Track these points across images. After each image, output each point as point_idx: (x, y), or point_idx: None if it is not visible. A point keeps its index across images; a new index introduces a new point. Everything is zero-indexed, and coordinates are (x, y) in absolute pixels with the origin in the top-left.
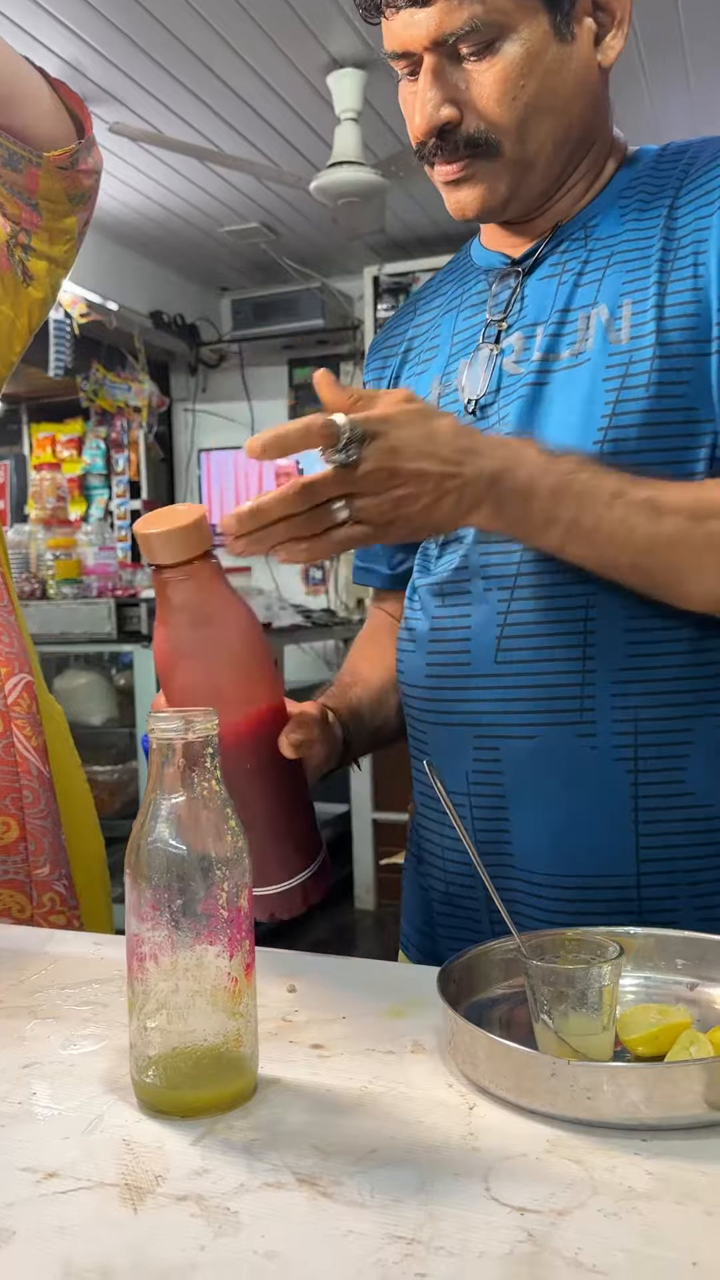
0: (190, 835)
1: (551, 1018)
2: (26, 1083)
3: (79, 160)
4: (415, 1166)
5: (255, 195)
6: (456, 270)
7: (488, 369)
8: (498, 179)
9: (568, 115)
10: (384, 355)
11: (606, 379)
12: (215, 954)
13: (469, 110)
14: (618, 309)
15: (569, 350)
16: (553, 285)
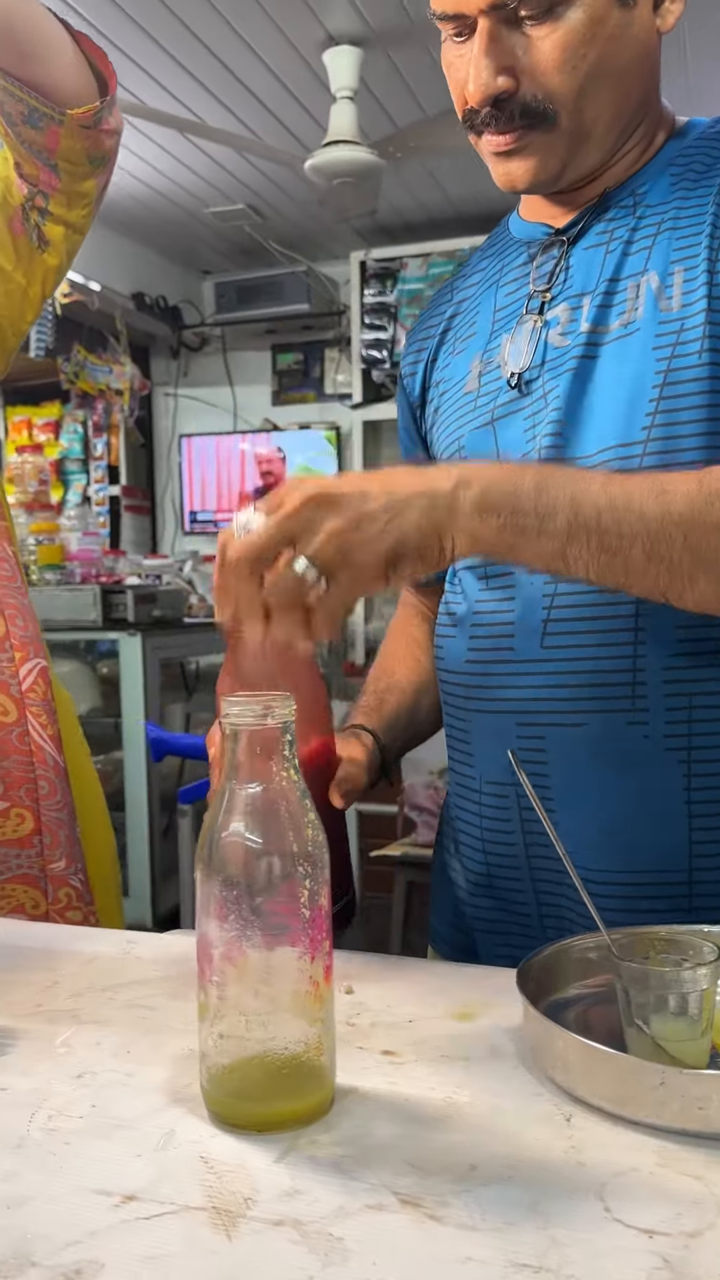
0: (269, 828)
1: (648, 1023)
2: (83, 1095)
3: (102, 119)
4: (523, 1184)
5: (242, 176)
6: (495, 245)
7: (531, 342)
8: (552, 151)
9: (626, 84)
10: (421, 339)
11: (657, 348)
12: (296, 956)
13: (525, 78)
14: (669, 276)
15: (619, 320)
16: (599, 254)
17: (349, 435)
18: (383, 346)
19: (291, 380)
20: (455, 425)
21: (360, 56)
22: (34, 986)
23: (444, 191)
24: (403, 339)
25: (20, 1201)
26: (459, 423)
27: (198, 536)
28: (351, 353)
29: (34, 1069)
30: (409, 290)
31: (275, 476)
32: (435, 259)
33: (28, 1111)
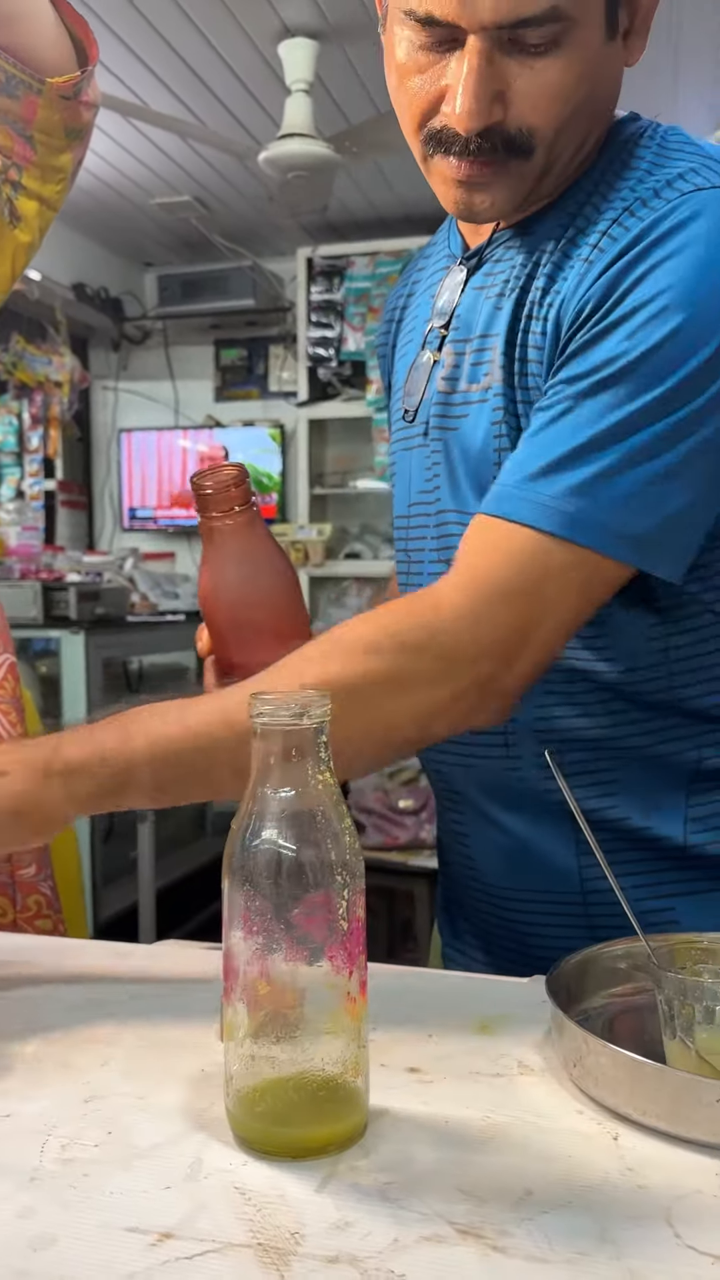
0: (304, 834)
1: (692, 1036)
2: (96, 1121)
3: (81, 90)
4: (585, 1210)
5: (189, 167)
6: (439, 241)
7: (424, 379)
8: (519, 184)
9: (595, 117)
10: (388, 318)
11: (494, 421)
12: (333, 971)
13: (512, 107)
14: (507, 344)
15: (481, 382)
16: (480, 298)
17: (294, 433)
18: (329, 345)
19: (235, 376)
20: (393, 438)
21: (316, 49)
22: (24, 1003)
23: (393, 190)
24: (350, 338)
25: (46, 1242)
26: (394, 438)
27: (137, 533)
28: (297, 350)
29: (37, 1093)
30: (356, 289)
31: None
32: (383, 258)
33: (38, 1140)
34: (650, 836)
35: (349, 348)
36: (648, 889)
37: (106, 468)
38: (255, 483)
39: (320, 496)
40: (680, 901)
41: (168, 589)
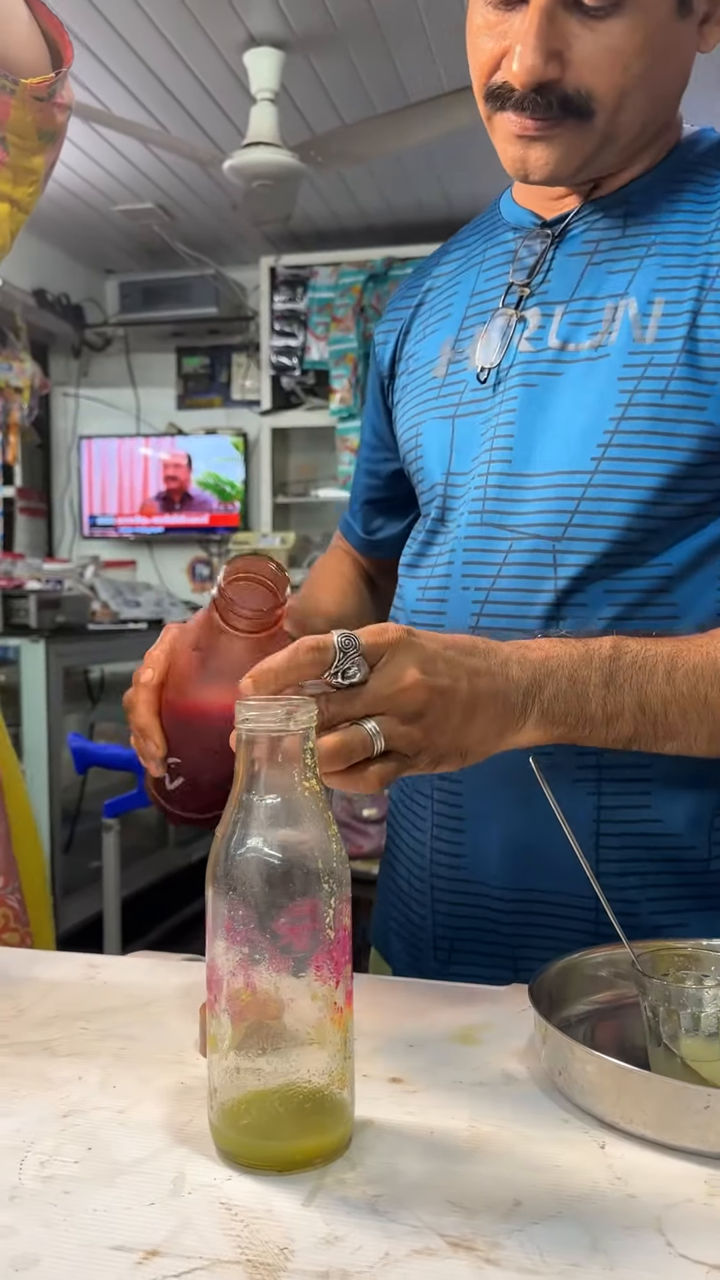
0: (291, 843)
1: (677, 1043)
2: (75, 1136)
3: (55, 92)
4: (576, 1220)
5: (152, 174)
6: (483, 225)
7: (504, 339)
8: (577, 146)
9: (663, 97)
10: (399, 309)
11: (623, 378)
12: (319, 981)
13: (572, 68)
14: (649, 305)
15: (590, 341)
16: (581, 264)
17: (256, 442)
18: (293, 354)
19: (197, 384)
20: (418, 408)
21: (281, 59)
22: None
23: (356, 201)
24: (313, 347)
25: (29, 1262)
26: (422, 407)
27: (97, 541)
28: (260, 359)
29: (14, 1108)
30: (320, 298)
31: (179, 482)
32: (346, 268)
33: (16, 1157)
34: (676, 847)
35: (312, 357)
36: (665, 903)
37: (67, 475)
38: (219, 491)
39: (283, 505)
40: (694, 917)
41: (129, 597)
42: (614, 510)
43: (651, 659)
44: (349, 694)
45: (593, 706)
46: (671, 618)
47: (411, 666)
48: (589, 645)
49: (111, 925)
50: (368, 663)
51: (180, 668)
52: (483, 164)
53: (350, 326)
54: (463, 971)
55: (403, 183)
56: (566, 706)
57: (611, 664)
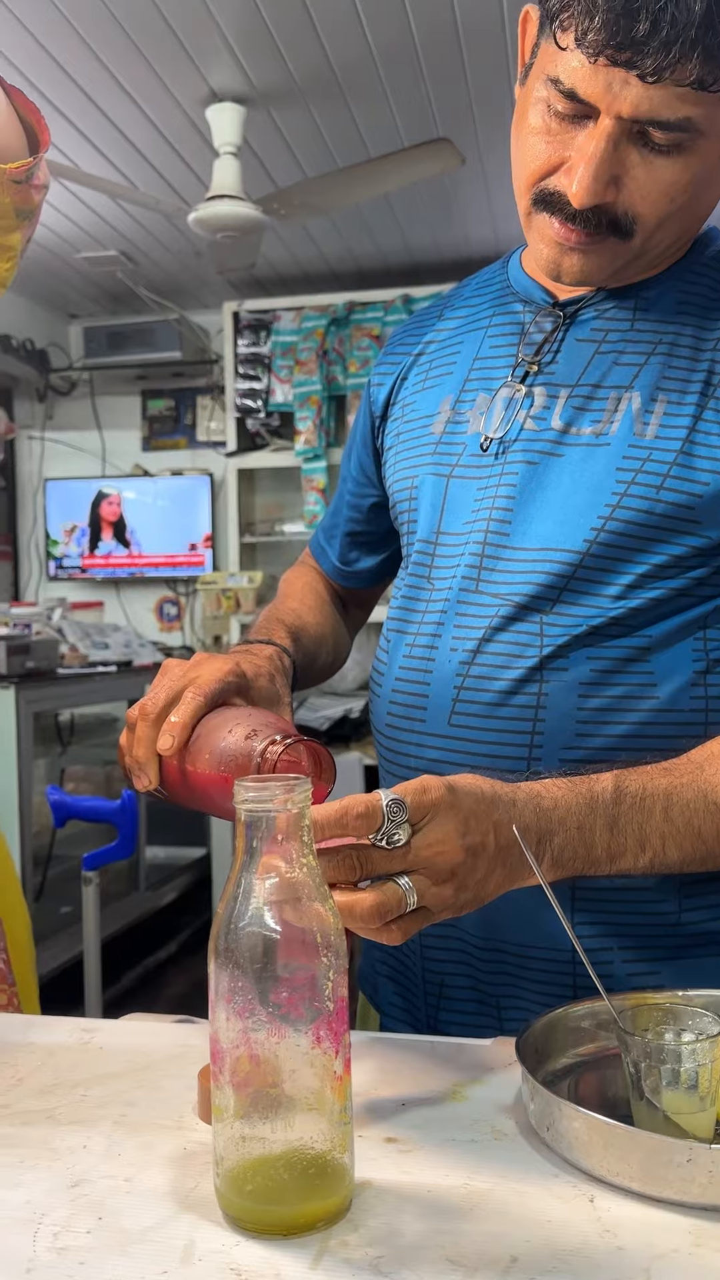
0: (291, 918)
1: (659, 1097)
2: (84, 1206)
3: (33, 174)
4: (570, 1275)
5: (115, 222)
6: (491, 286)
7: (509, 412)
8: (612, 259)
9: (696, 219)
10: (398, 354)
11: (621, 468)
12: (321, 1051)
13: (624, 193)
14: (651, 402)
15: (592, 427)
16: (589, 351)
17: (222, 483)
18: (257, 396)
19: (163, 426)
20: (414, 461)
21: (243, 114)
22: None
23: (318, 247)
24: (277, 389)
25: None
26: (418, 461)
27: (63, 582)
28: (225, 401)
29: (22, 1179)
30: (283, 342)
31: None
32: (308, 312)
33: (29, 1229)
34: (647, 901)
35: (276, 399)
36: (639, 955)
37: (32, 517)
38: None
39: (250, 545)
40: (665, 966)
41: (97, 640)
42: (602, 590)
43: (650, 798)
44: (391, 854)
45: (598, 851)
46: (648, 684)
47: (452, 829)
48: (593, 789)
49: (92, 979)
50: (410, 823)
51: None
52: (440, 211)
53: (314, 369)
54: (451, 1019)
55: (363, 229)
56: (574, 853)
57: (615, 808)
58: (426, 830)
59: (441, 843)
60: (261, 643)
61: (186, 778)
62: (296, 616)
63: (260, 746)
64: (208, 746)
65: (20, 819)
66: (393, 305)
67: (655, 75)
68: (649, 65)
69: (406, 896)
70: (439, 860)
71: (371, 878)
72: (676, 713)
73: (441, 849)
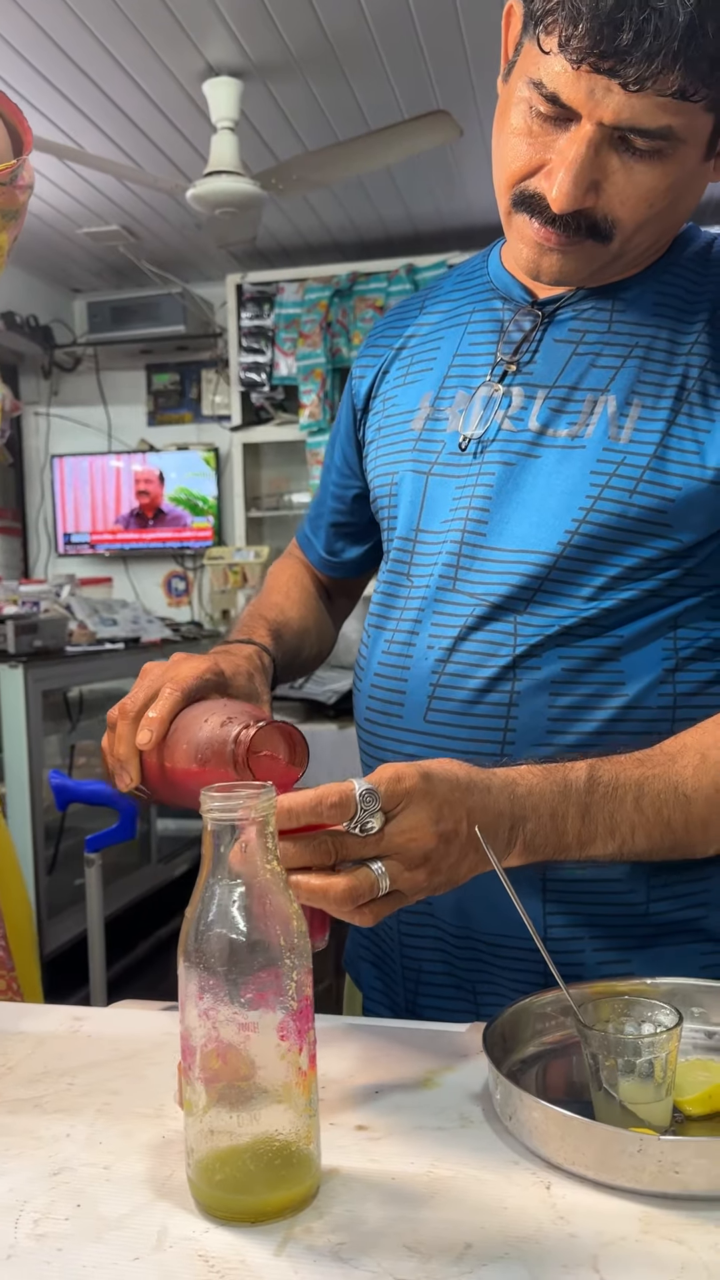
0: (256, 922)
1: (616, 1087)
2: (64, 1194)
3: (17, 176)
4: (520, 1261)
5: (116, 198)
6: (471, 281)
7: (487, 411)
8: (590, 261)
9: (674, 224)
10: (379, 347)
11: (595, 471)
12: (285, 1048)
13: (603, 198)
14: (626, 405)
15: (567, 430)
16: (566, 351)
17: (228, 457)
18: (261, 370)
19: (168, 401)
20: (395, 456)
21: (240, 88)
22: None
23: (320, 219)
24: (281, 363)
25: None
26: (399, 456)
27: (71, 559)
28: (229, 375)
29: (6, 1167)
30: (286, 315)
31: (151, 497)
32: (311, 284)
33: (11, 1216)
34: (617, 893)
35: (281, 372)
36: (609, 944)
37: (40, 494)
38: (191, 506)
39: (256, 519)
40: (635, 955)
41: (105, 616)
42: (575, 592)
43: (622, 788)
44: (365, 840)
45: (569, 837)
46: (617, 683)
47: (425, 817)
48: (567, 777)
49: (96, 960)
50: (384, 811)
51: (179, 737)
52: (443, 179)
53: (317, 342)
54: (429, 1003)
55: (365, 200)
56: (545, 839)
57: (587, 796)
58: (400, 818)
59: (414, 830)
60: (241, 642)
61: (165, 774)
62: (279, 612)
63: (235, 731)
64: (185, 739)
65: (30, 795)
66: (396, 275)
67: (638, 85)
68: (631, 74)
69: (379, 881)
70: (412, 847)
71: (345, 862)
72: (644, 710)
73: (414, 836)
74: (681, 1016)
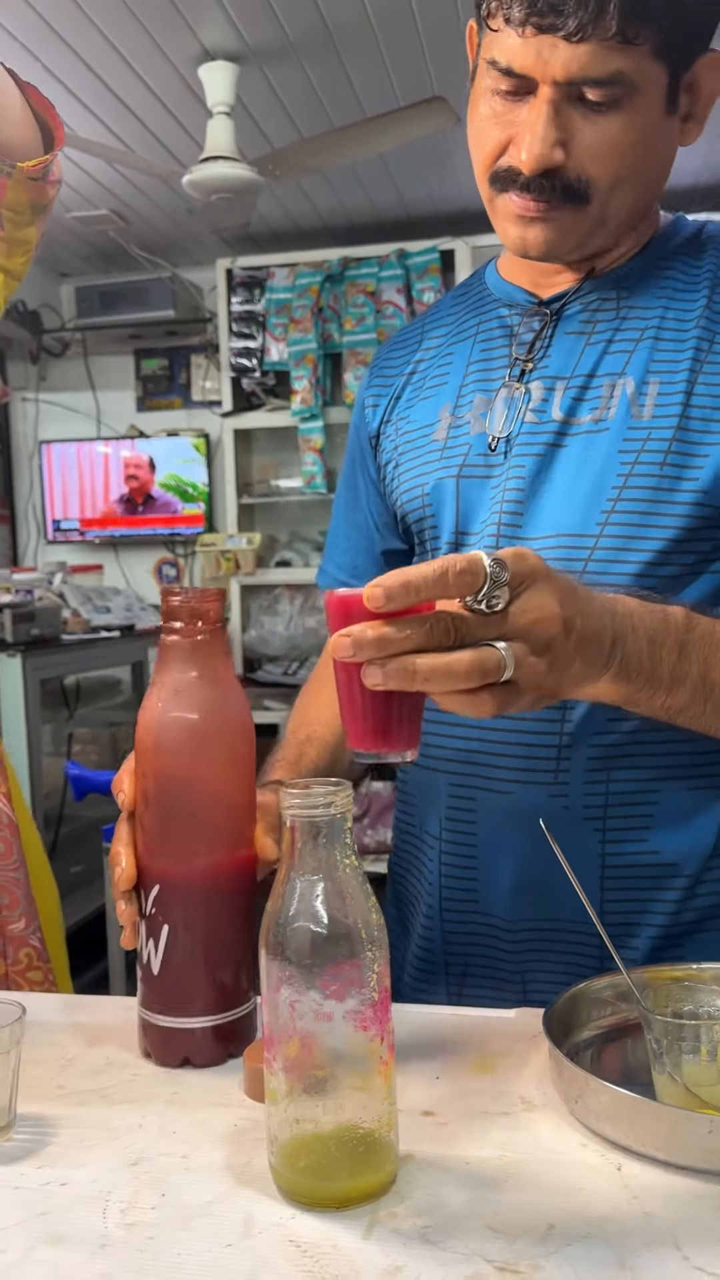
0: (337, 915)
1: (679, 1070)
2: (146, 1184)
3: (49, 171)
4: (603, 1240)
5: (107, 182)
6: (469, 298)
7: (511, 409)
8: (573, 228)
9: (650, 185)
10: (387, 376)
11: (623, 451)
12: (367, 1038)
13: (573, 156)
14: (644, 385)
15: (590, 415)
16: (580, 343)
17: (219, 443)
18: (252, 355)
19: (157, 386)
20: (423, 467)
21: (236, 72)
22: (47, 1066)
23: (312, 203)
24: (272, 348)
25: None
26: (428, 467)
27: (61, 545)
28: (220, 360)
29: (86, 1158)
30: (277, 300)
31: (141, 483)
32: (302, 269)
33: (98, 1207)
34: (673, 877)
35: (272, 358)
36: (664, 928)
37: (29, 480)
38: (181, 493)
39: (248, 506)
40: (689, 939)
41: (98, 604)
42: (618, 571)
43: (719, 636)
44: (489, 618)
45: (664, 669)
46: None
47: (552, 598)
48: (666, 611)
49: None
50: (509, 586)
51: (144, 732)
52: (435, 165)
53: (309, 328)
54: (476, 993)
55: (357, 186)
56: (640, 664)
57: (686, 633)
58: (526, 596)
59: (541, 609)
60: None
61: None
62: (307, 729)
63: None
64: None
65: (31, 783)
66: (387, 260)
67: (579, 33)
68: (571, 25)
69: (505, 660)
70: (537, 629)
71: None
72: None
73: (540, 617)
74: None
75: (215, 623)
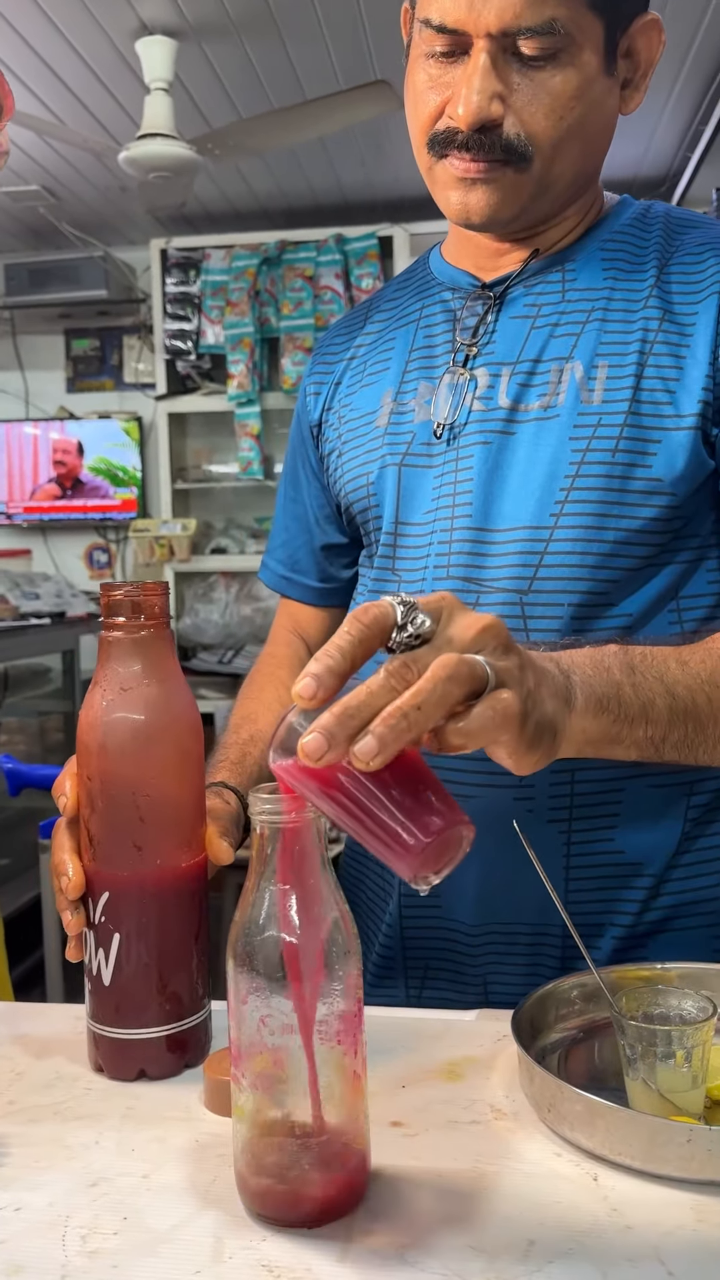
0: (307, 927)
1: (653, 1076)
2: (107, 1206)
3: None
4: (584, 1256)
5: (37, 156)
6: (412, 282)
7: (455, 396)
8: (516, 191)
9: (591, 149)
10: (329, 362)
11: (574, 438)
12: (340, 1052)
13: (511, 112)
14: (593, 368)
15: (539, 401)
16: (525, 327)
17: (152, 426)
18: (187, 337)
19: (88, 367)
20: (366, 455)
21: (175, 48)
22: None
23: (248, 185)
24: (208, 331)
25: None
26: (369, 457)
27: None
28: (154, 342)
29: (41, 1179)
30: (213, 282)
31: (69, 467)
32: (239, 251)
33: (57, 1233)
34: (638, 875)
35: (208, 341)
36: (629, 928)
37: None
38: (111, 477)
39: (183, 491)
40: (652, 940)
41: (27, 590)
42: (576, 563)
43: (660, 654)
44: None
45: (626, 691)
46: None
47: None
48: (594, 645)
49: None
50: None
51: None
52: (373, 150)
53: (246, 311)
54: (435, 994)
55: (295, 167)
56: (603, 690)
57: (625, 655)
58: (452, 617)
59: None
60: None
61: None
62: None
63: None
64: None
65: None
66: (325, 245)
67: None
68: None
69: (476, 659)
70: (485, 636)
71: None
72: None
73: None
74: (716, 1006)
75: (160, 617)
